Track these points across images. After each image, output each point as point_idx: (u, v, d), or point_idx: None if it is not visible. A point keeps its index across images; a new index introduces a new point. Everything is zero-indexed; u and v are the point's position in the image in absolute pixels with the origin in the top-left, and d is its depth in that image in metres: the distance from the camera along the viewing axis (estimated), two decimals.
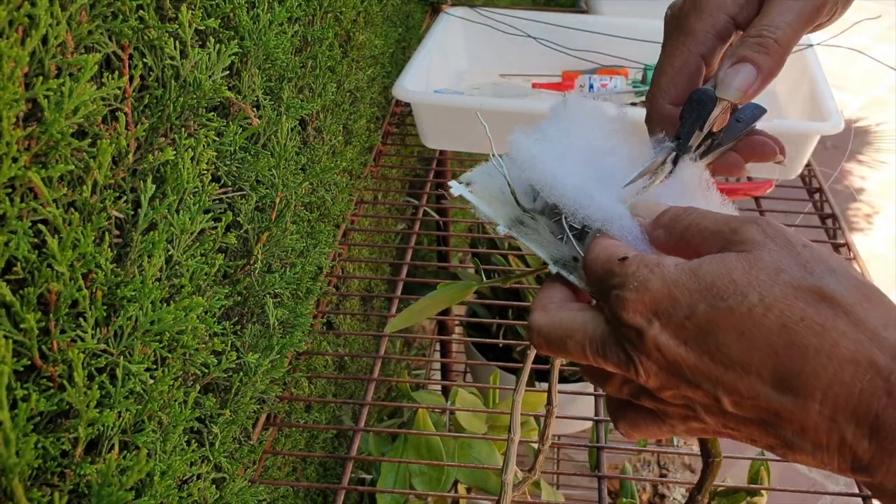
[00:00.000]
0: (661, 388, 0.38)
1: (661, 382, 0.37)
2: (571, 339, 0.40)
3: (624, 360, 0.38)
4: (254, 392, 0.67)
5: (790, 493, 0.75)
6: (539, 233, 0.45)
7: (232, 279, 0.65)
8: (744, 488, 1.08)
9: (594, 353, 0.39)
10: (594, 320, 0.40)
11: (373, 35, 1.07)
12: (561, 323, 0.41)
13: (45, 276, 0.41)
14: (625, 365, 0.38)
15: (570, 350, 0.40)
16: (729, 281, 0.35)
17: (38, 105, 0.41)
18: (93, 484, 0.45)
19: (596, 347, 0.39)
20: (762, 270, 0.35)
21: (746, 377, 0.35)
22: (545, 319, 0.42)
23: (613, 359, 0.38)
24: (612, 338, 0.39)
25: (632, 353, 0.38)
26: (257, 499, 0.69)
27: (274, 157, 0.66)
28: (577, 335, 0.40)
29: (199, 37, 0.57)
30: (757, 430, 0.36)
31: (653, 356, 0.37)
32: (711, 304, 0.35)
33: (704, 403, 0.37)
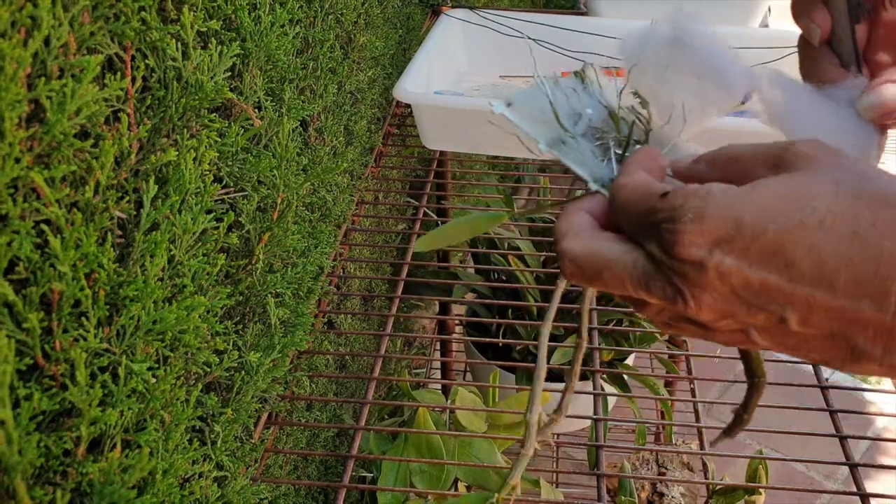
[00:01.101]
0: (717, 319, 0.37)
1: (718, 313, 0.37)
2: (609, 270, 0.39)
3: (671, 295, 0.37)
4: (255, 391, 0.67)
5: (788, 492, 0.76)
6: (580, 153, 0.44)
7: (234, 279, 0.65)
8: (742, 487, 1.08)
9: (635, 287, 0.38)
10: (633, 253, 0.38)
11: (373, 37, 1.08)
12: (597, 252, 0.39)
13: (48, 275, 0.41)
14: (671, 299, 0.37)
15: (605, 281, 0.39)
16: (792, 198, 0.35)
17: (40, 106, 0.41)
18: (95, 482, 0.45)
19: (638, 281, 0.38)
20: (822, 184, 0.35)
21: (819, 290, 0.35)
22: (579, 246, 0.40)
23: (659, 293, 0.37)
24: (658, 273, 0.37)
25: (683, 287, 0.36)
26: (259, 497, 0.69)
27: (275, 157, 0.66)
28: (616, 267, 0.38)
29: (200, 38, 0.57)
30: (821, 344, 0.36)
31: (712, 287, 0.36)
32: (778, 222, 0.35)
33: (765, 326, 0.36)
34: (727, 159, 0.39)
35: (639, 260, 0.38)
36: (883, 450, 1.95)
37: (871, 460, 1.73)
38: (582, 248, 0.40)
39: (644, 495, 1.16)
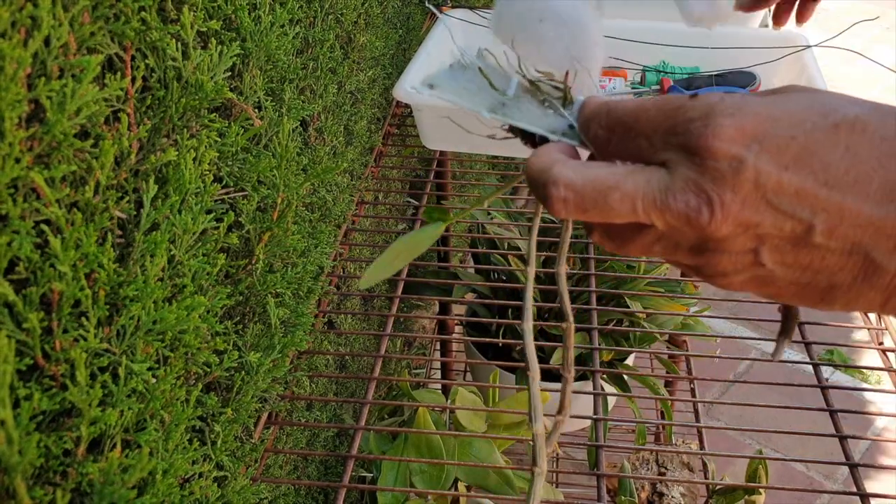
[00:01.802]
0: (735, 233, 0.35)
1: (741, 225, 0.35)
2: (617, 192, 0.36)
3: (695, 206, 0.35)
4: (255, 391, 0.67)
5: (788, 492, 0.76)
6: (525, 112, 0.43)
7: (234, 279, 0.65)
8: (742, 486, 1.08)
9: (649, 206, 0.35)
10: (643, 171, 0.36)
11: (373, 37, 1.08)
12: (599, 176, 0.36)
13: (48, 275, 0.41)
14: (695, 210, 0.34)
15: (611, 205, 0.36)
16: (820, 105, 0.35)
17: (40, 106, 0.41)
18: (95, 482, 0.45)
19: (653, 199, 0.35)
20: (842, 98, 0.35)
21: (851, 196, 0.34)
22: (574, 173, 0.37)
23: (680, 205, 0.35)
24: (679, 182, 0.35)
25: (712, 193, 0.34)
26: (259, 497, 0.69)
27: (275, 157, 0.66)
28: (626, 186, 0.36)
29: (200, 38, 0.57)
30: (836, 261, 0.35)
31: (744, 190, 0.34)
32: (814, 122, 0.34)
33: (787, 238, 0.35)
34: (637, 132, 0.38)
35: (654, 175, 0.36)
36: (883, 450, 1.95)
37: (871, 460, 1.73)
38: (580, 174, 0.37)
39: (644, 495, 1.16)
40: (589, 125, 0.39)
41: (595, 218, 0.37)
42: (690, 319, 1.22)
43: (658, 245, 0.37)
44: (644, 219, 0.36)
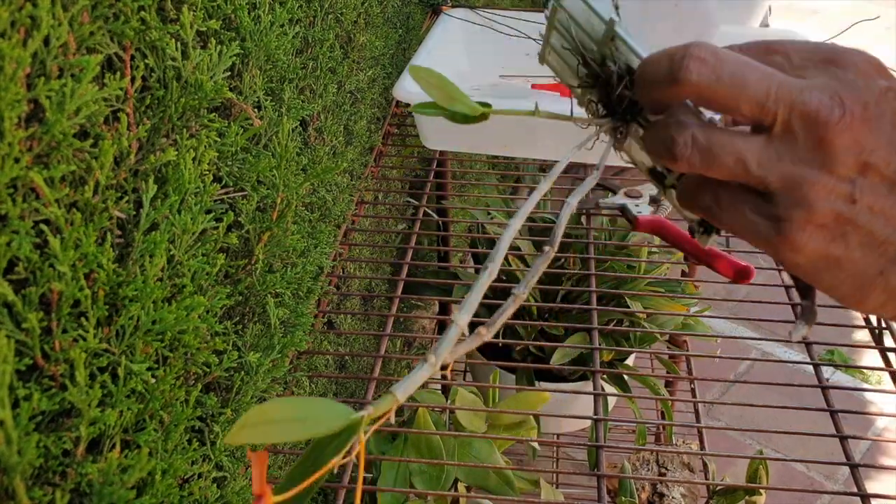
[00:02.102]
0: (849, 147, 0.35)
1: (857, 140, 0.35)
2: (758, 71, 0.36)
3: (828, 104, 0.35)
4: (255, 391, 0.67)
5: (789, 493, 0.76)
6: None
7: (233, 279, 0.65)
8: (743, 487, 1.08)
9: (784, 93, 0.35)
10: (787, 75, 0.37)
11: (373, 36, 1.08)
12: (743, 59, 0.37)
13: (47, 275, 0.41)
14: (827, 108, 0.35)
15: (748, 82, 0.36)
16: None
17: (39, 106, 0.41)
18: (94, 483, 0.45)
19: (790, 87, 0.35)
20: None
21: None
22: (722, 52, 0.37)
23: (814, 100, 0.35)
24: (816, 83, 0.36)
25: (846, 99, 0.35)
26: None
27: (275, 157, 0.66)
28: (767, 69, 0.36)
29: (200, 38, 0.57)
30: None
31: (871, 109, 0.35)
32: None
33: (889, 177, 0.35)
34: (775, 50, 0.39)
35: (792, 77, 0.36)
36: (883, 450, 1.95)
37: (872, 461, 1.73)
38: (728, 53, 0.37)
39: (644, 496, 1.16)
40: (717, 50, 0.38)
41: (724, 92, 0.36)
42: (691, 319, 1.22)
43: (757, 157, 0.36)
44: (770, 108, 0.36)
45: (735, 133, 0.37)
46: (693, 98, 0.38)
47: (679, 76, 0.36)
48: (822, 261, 0.37)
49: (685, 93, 0.37)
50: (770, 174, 0.36)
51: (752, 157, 0.36)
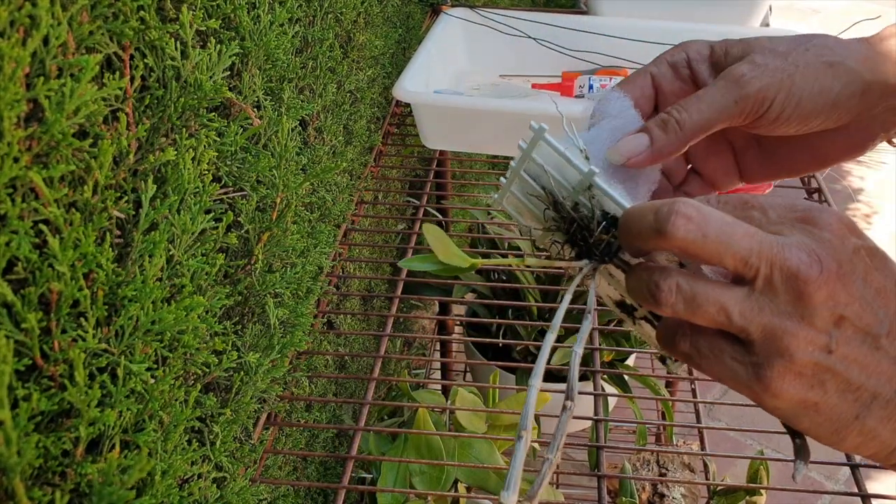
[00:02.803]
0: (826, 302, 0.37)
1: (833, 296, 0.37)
2: (742, 228, 0.38)
3: (807, 261, 0.37)
4: (254, 391, 0.67)
5: (789, 493, 0.75)
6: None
7: (233, 279, 0.65)
8: (743, 487, 1.08)
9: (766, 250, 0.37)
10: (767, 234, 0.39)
11: (373, 36, 1.08)
12: (730, 220, 0.38)
13: (46, 275, 0.41)
14: (807, 265, 0.37)
15: (735, 239, 0.38)
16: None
17: (39, 105, 0.41)
18: (94, 483, 0.45)
19: (772, 246, 0.38)
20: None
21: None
22: (709, 209, 0.38)
23: (793, 258, 0.37)
24: (794, 241, 0.38)
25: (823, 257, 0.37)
26: (258, 498, 0.69)
27: (275, 157, 0.66)
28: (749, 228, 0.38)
29: (199, 37, 0.57)
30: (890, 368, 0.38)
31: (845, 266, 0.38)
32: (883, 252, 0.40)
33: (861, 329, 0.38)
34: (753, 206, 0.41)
35: (769, 234, 0.38)
36: None
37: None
38: (711, 210, 0.38)
39: (645, 496, 1.16)
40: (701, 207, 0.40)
41: (710, 248, 0.38)
42: None
43: (739, 307, 0.38)
44: (753, 263, 0.38)
45: (718, 283, 0.39)
46: (677, 252, 0.40)
47: (665, 232, 0.38)
48: (801, 406, 0.39)
49: (670, 247, 0.39)
50: (751, 325, 0.38)
51: (734, 307, 0.38)
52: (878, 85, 0.46)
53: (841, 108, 0.47)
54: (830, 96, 0.46)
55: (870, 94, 0.46)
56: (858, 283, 0.38)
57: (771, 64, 0.46)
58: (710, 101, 0.46)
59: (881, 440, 0.39)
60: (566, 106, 1.07)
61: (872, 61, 0.46)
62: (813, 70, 0.46)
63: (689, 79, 0.50)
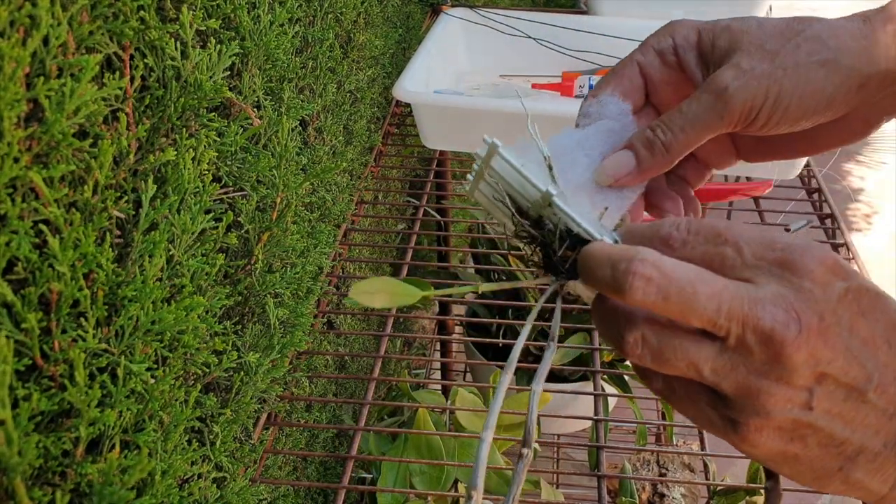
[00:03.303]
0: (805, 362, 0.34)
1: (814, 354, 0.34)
2: (707, 286, 0.34)
3: (783, 321, 0.34)
4: (255, 391, 0.67)
5: (789, 493, 0.75)
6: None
7: (233, 279, 0.65)
8: (743, 487, 1.08)
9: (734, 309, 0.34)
10: (735, 283, 0.35)
11: (373, 36, 1.08)
12: (688, 267, 0.35)
13: (47, 275, 0.41)
14: (783, 325, 0.34)
15: (698, 299, 0.34)
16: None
17: (39, 105, 0.41)
18: (94, 483, 0.45)
19: (741, 304, 0.34)
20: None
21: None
22: (667, 259, 0.35)
23: (767, 318, 0.34)
24: (769, 296, 0.34)
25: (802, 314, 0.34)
26: (258, 498, 0.69)
27: (275, 157, 0.66)
28: (716, 284, 0.34)
29: (199, 37, 0.57)
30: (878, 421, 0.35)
31: (829, 319, 0.34)
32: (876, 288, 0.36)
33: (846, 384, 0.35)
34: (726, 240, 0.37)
35: (741, 286, 0.35)
36: None
37: None
38: (669, 260, 0.35)
39: (645, 496, 1.16)
40: (660, 228, 0.38)
41: (673, 309, 0.35)
42: None
43: (711, 363, 0.35)
44: (722, 325, 0.34)
45: (688, 336, 0.36)
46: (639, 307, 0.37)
47: (623, 291, 0.35)
48: (780, 456, 0.37)
49: (631, 305, 0.36)
50: (724, 382, 0.36)
51: (704, 364, 0.35)
52: (877, 76, 0.43)
53: (836, 105, 0.44)
54: (823, 97, 0.44)
55: (868, 87, 0.44)
56: (844, 335, 0.35)
57: (758, 69, 0.43)
58: (694, 119, 0.44)
59: (869, 489, 0.37)
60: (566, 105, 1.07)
61: (870, 51, 0.43)
62: (804, 72, 0.43)
63: (676, 66, 0.48)
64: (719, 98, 0.43)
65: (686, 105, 0.45)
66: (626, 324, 0.37)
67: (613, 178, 0.45)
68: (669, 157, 0.45)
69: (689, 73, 0.47)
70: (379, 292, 0.44)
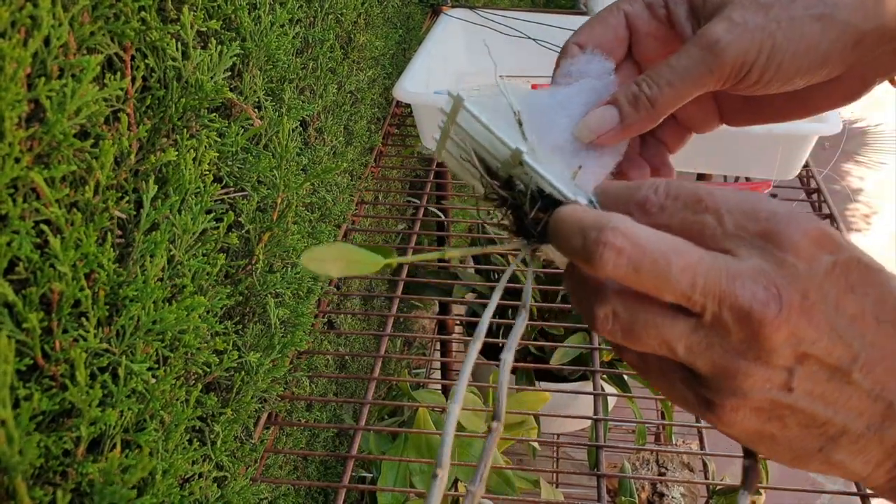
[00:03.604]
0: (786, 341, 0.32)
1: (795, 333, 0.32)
2: (682, 259, 0.32)
3: (762, 299, 0.31)
4: (255, 391, 0.67)
5: (789, 492, 0.76)
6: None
7: (234, 279, 0.65)
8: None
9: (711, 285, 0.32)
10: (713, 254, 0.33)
11: (373, 36, 1.08)
12: (663, 237, 0.33)
13: (48, 275, 0.41)
14: (762, 304, 0.31)
15: (671, 271, 0.32)
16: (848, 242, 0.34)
17: (40, 106, 0.41)
18: (95, 482, 0.45)
19: (719, 278, 0.32)
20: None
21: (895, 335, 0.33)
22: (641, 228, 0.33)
23: (745, 295, 0.31)
24: (749, 271, 0.32)
25: (784, 291, 0.31)
26: (258, 497, 0.69)
27: (275, 157, 0.66)
28: (692, 256, 0.32)
29: (200, 38, 0.57)
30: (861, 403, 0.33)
31: (812, 297, 0.32)
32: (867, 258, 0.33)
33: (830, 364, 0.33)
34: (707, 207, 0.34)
35: (719, 258, 0.32)
36: None
37: None
38: (642, 229, 0.33)
39: (644, 495, 1.16)
40: (635, 191, 0.35)
41: (645, 282, 0.32)
42: None
43: (685, 341, 0.33)
44: (696, 300, 0.32)
45: (661, 311, 0.33)
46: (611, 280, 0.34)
47: (593, 262, 0.33)
48: (757, 435, 0.35)
49: (601, 276, 0.34)
50: (699, 360, 0.33)
51: (678, 341, 0.33)
52: (874, 32, 0.41)
53: (831, 63, 0.42)
54: (818, 53, 0.41)
55: (865, 43, 0.42)
56: (829, 312, 0.32)
57: (750, 22, 0.41)
58: (682, 73, 0.41)
59: (851, 470, 0.35)
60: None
61: (867, 6, 0.41)
62: (798, 26, 0.41)
63: (665, 19, 0.45)
64: (710, 51, 0.41)
65: (675, 59, 0.42)
66: (597, 297, 0.35)
67: (595, 134, 0.43)
68: (655, 112, 0.43)
69: (679, 28, 0.45)
70: (334, 259, 0.40)
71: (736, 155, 1.03)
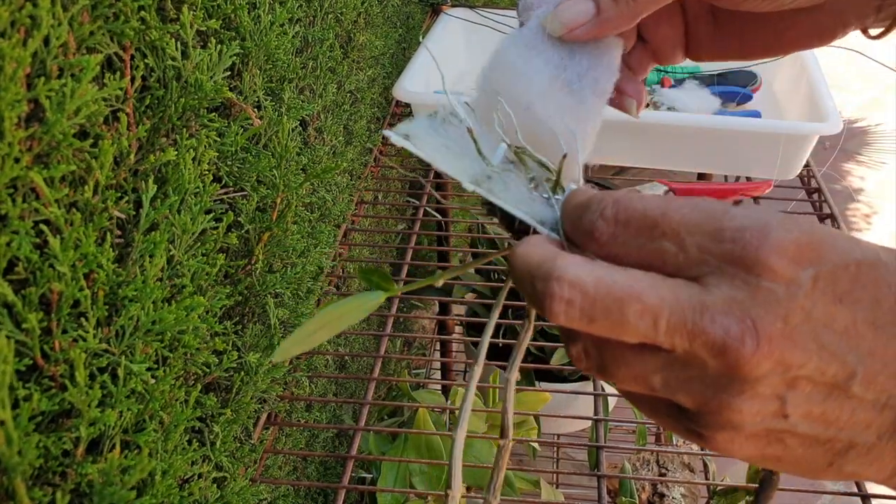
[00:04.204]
0: (772, 371, 0.29)
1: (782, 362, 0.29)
2: (638, 302, 0.29)
3: (736, 334, 0.28)
4: (255, 391, 0.67)
5: (789, 492, 0.75)
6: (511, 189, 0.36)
7: (233, 279, 0.65)
8: (743, 487, 1.08)
9: (675, 325, 0.29)
10: (666, 282, 0.30)
11: (373, 36, 1.08)
12: (616, 279, 0.29)
13: (47, 276, 0.41)
14: (737, 339, 0.28)
15: (627, 318, 0.29)
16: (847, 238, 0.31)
17: (39, 105, 0.41)
18: (94, 483, 0.45)
19: (684, 317, 0.29)
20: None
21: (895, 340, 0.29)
22: (585, 272, 0.30)
23: (717, 331, 0.28)
24: (719, 302, 0.29)
25: (760, 321, 0.28)
26: (258, 498, 0.69)
27: (275, 157, 0.66)
28: (650, 297, 0.29)
29: (200, 37, 0.57)
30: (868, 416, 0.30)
31: (795, 320, 0.29)
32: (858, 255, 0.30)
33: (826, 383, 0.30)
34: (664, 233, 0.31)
35: (682, 290, 0.29)
36: None
37: None
38: (588, 273, 0.30)
39: (644, 496, 1.16)
40: (583, 215, 0.32)
41: (602, 331, 0.30)
42: None
43: (660, 376, 0.31)
44: (663, 341, 0.29)
45: (630, 349, 0.31)
46: None
47: (545, 314, 0.30)
48: (760, 458, 0.33)
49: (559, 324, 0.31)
50: (679, 395, 0.31)
51: (654, 377, 0.31)
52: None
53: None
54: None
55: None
56: (817, 330, 0.29)
57: None
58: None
59: (865, 476, 0.33)
60: None
61: None
62: None
63: None
64: None
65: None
66: (568, 334, 0.32)
67: (566, 27, 0.39)
68: (635, 6, 0.39)
69: None
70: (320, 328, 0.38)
71: (736, 155, 1.03)
